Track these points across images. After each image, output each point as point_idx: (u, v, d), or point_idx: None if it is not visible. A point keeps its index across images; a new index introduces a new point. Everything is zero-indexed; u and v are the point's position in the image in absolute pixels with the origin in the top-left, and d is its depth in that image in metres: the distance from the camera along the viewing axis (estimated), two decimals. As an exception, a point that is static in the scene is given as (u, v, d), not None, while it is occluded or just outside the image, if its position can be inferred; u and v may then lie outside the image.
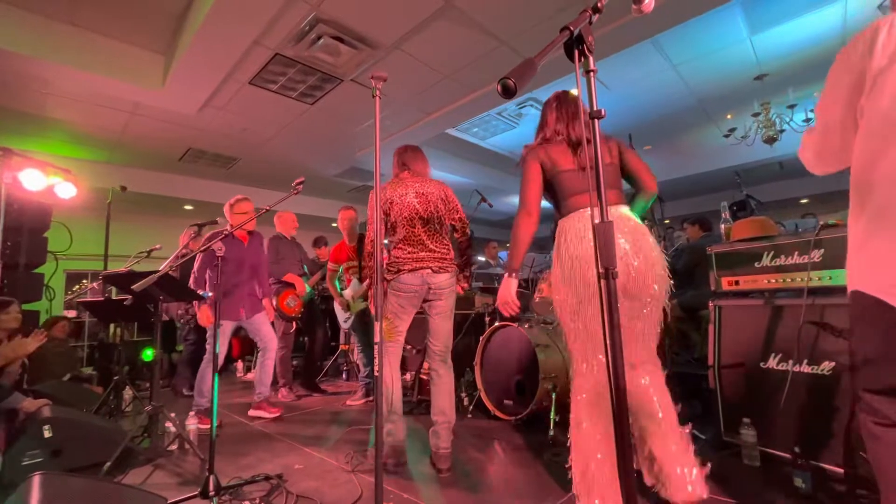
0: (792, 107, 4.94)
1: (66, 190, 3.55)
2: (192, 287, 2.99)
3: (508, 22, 3.27)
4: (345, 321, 3.65)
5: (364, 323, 3.56)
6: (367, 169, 6.65)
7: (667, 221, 7.01)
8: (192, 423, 2.64)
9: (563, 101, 1.85)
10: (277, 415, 3.21)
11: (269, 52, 3.51)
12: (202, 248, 2.33)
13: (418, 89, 4.23)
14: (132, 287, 1.98)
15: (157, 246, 3.56)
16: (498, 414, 2.94)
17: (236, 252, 3.12)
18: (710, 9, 3.15)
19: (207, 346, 3.17)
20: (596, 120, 0.76)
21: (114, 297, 4.29)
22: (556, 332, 3.09)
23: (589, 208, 1.65)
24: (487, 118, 5.43)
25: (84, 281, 6.74)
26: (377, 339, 1.23)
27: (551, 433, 2.47)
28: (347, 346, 4.75)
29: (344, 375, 4.73)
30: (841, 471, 1.70)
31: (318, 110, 4.60)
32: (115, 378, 3.25)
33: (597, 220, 0.77)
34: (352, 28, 3.28)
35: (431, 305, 2.22)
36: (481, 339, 3.16)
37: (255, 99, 4.26)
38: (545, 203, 1.81)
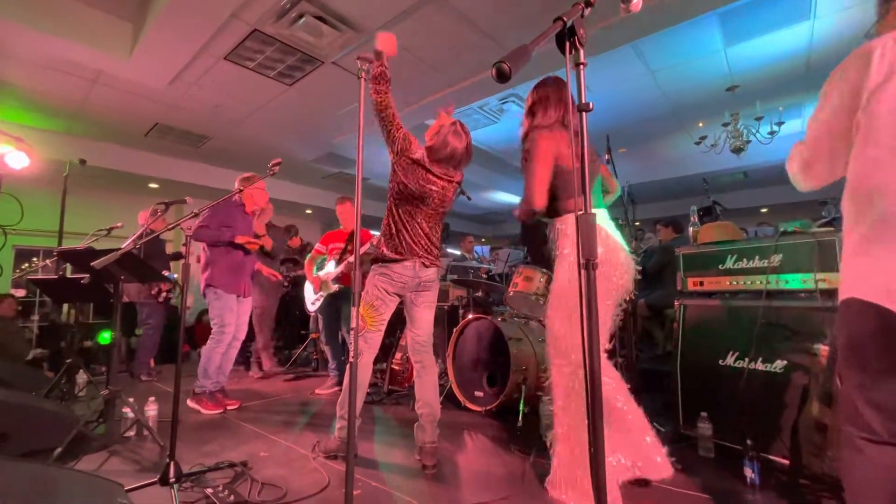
0: (759, 119, 5.17)
1: (17, 160, 3.31)
2: (208, 237, 3.00)
3: (496, 16, 3.26)
4: (311, 303, 3.58)
5: (334, 310, 3.50)
6: (344, 156, 6.52)
7: (637, 223, 7.22)
8: (153, 409, 2.54)
9: (564, 88, 1.82)
10: (229, 409, 3.04)
11: (248, 28, 3.38)
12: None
13: (400, 78, 4.14)
14: (91, 265, 1.88)
15: (119, 224, 3.38)
16: (468, 405, 2.97)
17: (246, 226, 3.08)
18: (690, 18, 3.25)
19: (216, 324, 3.02)
20: (584, 113, 0.77)
21: (69, 275, 4.06)
22: (529, 326, 3.14)
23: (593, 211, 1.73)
24: (468, 112, 5.41)
25: (35, 259, 6.34)
26: (353, 324, 1.21)
27: (520, 424, 2.52)
28: (318, 335, 4.68)
29: (313, 364, 4.66)
30: (787, 462, 1.81)
31: (296, 92, 4.46)
32: (68, 361, 3.08)
33: (580, 213, 0.78)
34: (335, 9, 3.19)
35: (418, 295, 2.15)
36: (454, 331, 3.18)
37: (230, 76, 4.09)
38: (515, 201, 1.82)
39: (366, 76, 1.38)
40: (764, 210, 9.04)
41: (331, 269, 3.38)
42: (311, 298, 3.58)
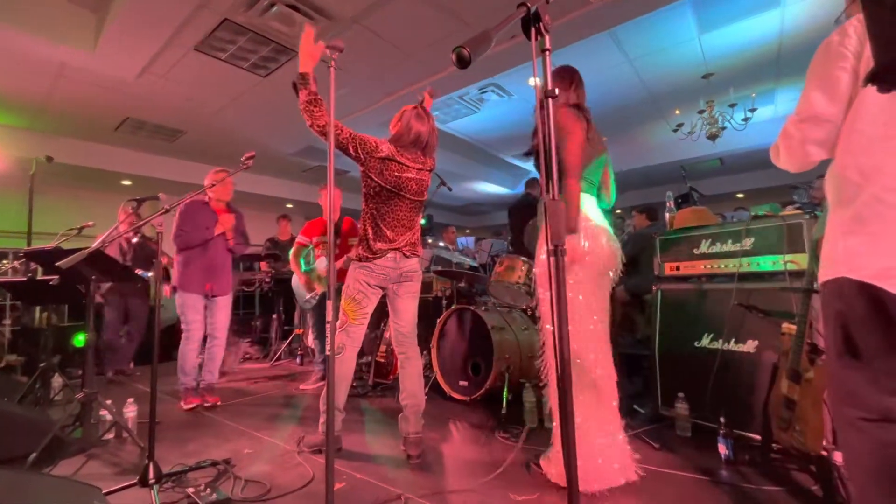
0: (733, 106, 5.27)
1: (-22, 157, 3.17)
2: (197, 240, 2.99)
3: (474, 4, 3.23)
4: (305, 301, 3.53)
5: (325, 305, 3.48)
6: (324, 149, 6.41)
7: (618, 211, 7.33)
8: (132, 411, 2.49)
9: (577, 74, 1.92)
10: (207, 403, 3.02)
11: (218, 17, 3.28)
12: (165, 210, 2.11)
13: (379, 67, 4.11)
14: (57, 265, 1.82)
15: (89, 223, 3.27)
16: (453, 395, 2.99)
17: (210, 222, 3.01)
18: (662, 6, 3.27)
19: (183, 323, 3.01)
20: (550, 99, 0.77)
21: (39, 276, 3.93)
22: (512, 315, 3.17)
23: (588, 198, 1.79)
24: (449, 101, 5.38)
25: (3, 261, 6.10)
26: (329, 317, 1.20)
27: (503, 411, 2.55)
28: (302, 331, 4.64)
29: (298, 360, 4.63)
30: (758, 438, 1.88)
31: (271, 83, 4.36)
32: (42, 365, 3.00)
33: (549, 198, 0.79)
34: (308, -3, 3.12)
35: (401, 286, 2.14)
36: (438, 322, 3.19)
37: (201, 67, 3.97)
38: (497, 191, 1.82)
39: (335, 66, 1.35)
40: (740, 195, 9.25)
41: (323, 264, 3.33)
42: (306, 294, 3.54)
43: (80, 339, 4.48)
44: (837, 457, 1.56)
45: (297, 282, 3.52)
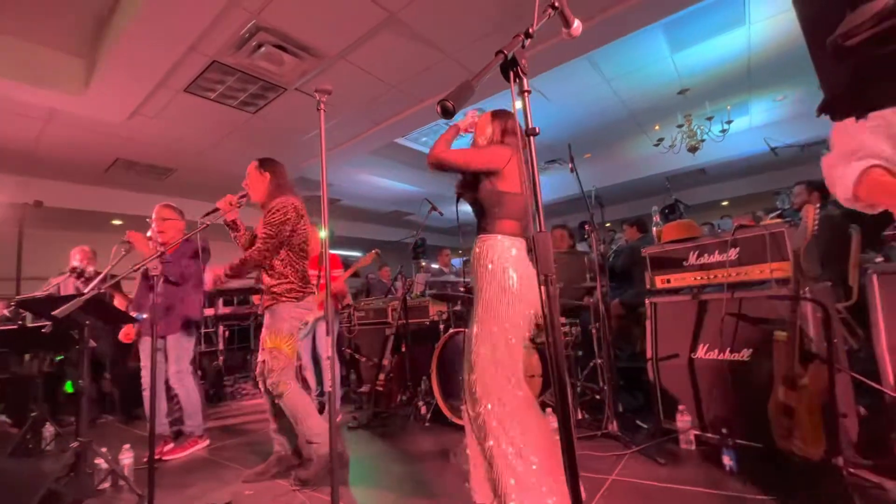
0: (710, 119, 5.46)
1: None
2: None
3: (452, 36, 3.36)
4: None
5: (312, 336, 3.46)
6: (314, 179, 6.49)
7: (608, 224, 7.44)
8: (128, 457, 2.43)
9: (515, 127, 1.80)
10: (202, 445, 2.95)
11: (207, 59, 3.37)
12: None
13: (365, 99, 4.22)
14: (53, 314, 1.81)
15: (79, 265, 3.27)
16: (455, 420, 2.96)
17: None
18: (633, 30, 3.43)
19: (184, 363, 2.94)
20: (532, 137, 0.82)
21: (29, 323, 3.87)
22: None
23: (516, 239, 1.64)
24: (436, 127, 5.50)
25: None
26: (328, 353, 1.21)
27: (507, 435, 2.53)
28: (299, 363, 4.58)
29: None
30: (760, 446, 1.89)
31: (260, 119, 4.45)
32: (33, 415, 2.93)
33: (537, 232, 0.83)
34: (294, 37, 3.22)
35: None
36: (436, 346, 3.18)
37: (191, 107, 4.05)
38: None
39: (324, 108, 1.40)
40: (725, 203, 9.45)
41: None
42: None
43: (69, 385, 4.38)
44: (840, 462, 1.58)
45: None
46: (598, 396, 2.80)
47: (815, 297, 1.84)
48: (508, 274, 1.56)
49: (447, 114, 0.74)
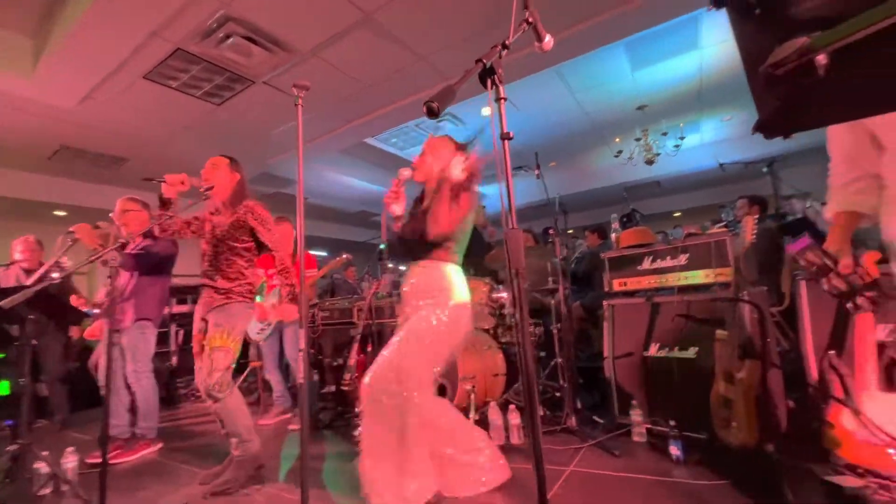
0: (664, 134, 5.81)
1: None
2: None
3: (428, 40, 3.42)
4: (258, 332, 3.44)
5: (278, 337, 3.39)
6: (280, 176, 6.35)
7: (570, 231, 7.72)
8: (71, 461, 2.29)
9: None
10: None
11: (170, 46, 3.24)
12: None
13: (337, 97, 4.19)
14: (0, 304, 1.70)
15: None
16: (420, 419, 2.99)
17: None
18: (597, 47, 3.63)
19: (146, 360, 2.80)
20: (506, 141, 0.88)
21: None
22: (476, 335, 3.25)
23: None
24: (406, 129, 5.54)
25: None
26: (301, 345, 1.22)
27: (471, 431, 2.59)
28: (261, 363, 4.46)
29: (255, 395, 4.42)
30: (704, 437, 2.05)
31: (226, 111, 4.32)
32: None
33: (507, 228, 0.89)
34: (266, 30, 3.17)
35: None
36: (403, 346, 3.20)
37: (151, 95, 3.87)
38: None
39: (302, 104, 1.41)
40: (677, 214, 10.04)
41: (275, 297, 3.28)
42: (257, 327, 3.44)
43: (4, 387, 4.05)
44: (770, 448, 1.75)
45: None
46: (558, 394, 2.92)
47: (752, 300, 2.02)
48: None
49: (432, 114, 0.79)
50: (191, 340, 2.38)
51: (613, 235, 3.05)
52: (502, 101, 0.90)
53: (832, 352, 1.90)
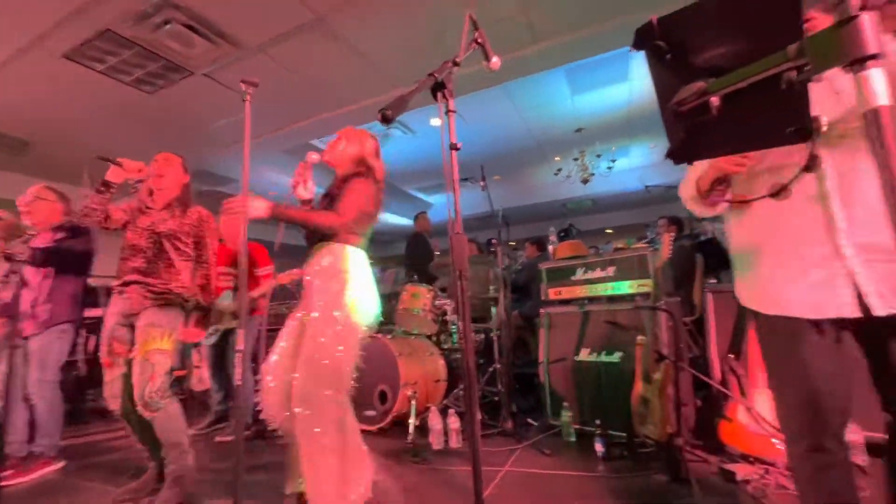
0: (599, 156, 6.28)
1: None
2: None
3: (380, 47, 3.45)
4: (205, 336, 3.22)
5: (223, 343, 3.18)
6: (217, 173, 6.00)
7: (513, 243, 8.02)
8: None
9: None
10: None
11: (98, 26, 3.00)
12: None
13: (283, 97, 4.08)
14: None
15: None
16: (361, 426, 2.95)
17: None
18: (538, 71, 3.88)
19: (56, 367, 2.47)
20: (454, 151, 0.94)
21: None
22: (419, 340, 3.29)
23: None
24: (355, 134, 5.49)
25: None
26: (240, 346, 1.19)
27: (410, 437, 2.60)
28: (185, 372, 4.16)
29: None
30: (625, 434, 2.23)
31: (158, 101, 4.04)
32: None
33: (453, 233, 0.95)
34: (210, 21, 3.04)
35: None
36: (344, 352, 3.15)
37: (70, 76, 3.53)
38: (401, 222, 1.94)
39: (250, 100, 1.39)
40: (609, 231, 10.79)
41: (227, 299, 3.06)
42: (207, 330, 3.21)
43: None
44: (679, 442, 1.95)
45: None
46: (496, 399, 3.03)
47: (667, 309, 2.26)
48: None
49: (386, 121, 0.83)
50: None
51: (551, 247, 3.24)
52: (451, 113, 0.96)
53: (731, 355, 2.17)
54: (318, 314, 1.57)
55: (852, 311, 0.90)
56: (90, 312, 4.70)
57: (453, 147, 0.94)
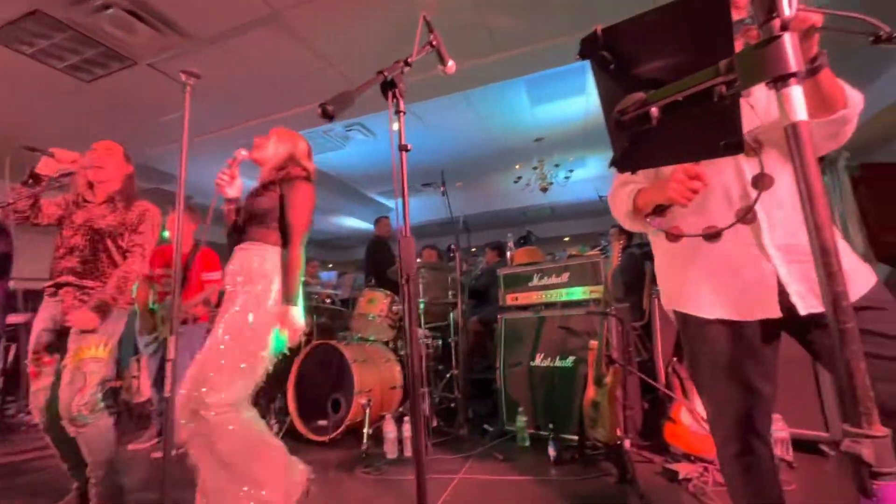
0: (557, 166, 6.46)
1: None
2: None
3: (339, 48, 3.38)
4: (145, 345, 3.00)
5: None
6: (161, 170, 5.65)
7: (473, 249, 8.08)
8: None
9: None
10: None
11: (25, 6, 2.74)
12: None
13: (236, 92, 3.90)
14: None
15: None
16: (310, 437, 2.84)
17: None
18: (499, 81, 3.94)
19: None
20: (403, 152, 0.92)
21: None
22: (375, 347, 3.21)
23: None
24: (314, 135, 5.34)
25: None
26: (171, 355, 1.10)
27: (365, 446, 2.53)
28: (121, 383, 3.85)
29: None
30: (576, 437, 2.27)
31: (96, 90, 3.74)
32: None
33: (403, 236, 0.92)
34: (156, 8, 2.85)
35: None
36: (296, 360, 3.03)
37: (-9, 58, 3.20)
38: (361, 226, 1.89)
39: (190, 93, 1.30)
40: (567, 238, 11.12)
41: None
42: (144, 339, 2.99)
43: None
44: (626, 444, 2.01)
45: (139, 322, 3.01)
46: (452, 405, 3.00)
47: (617, 314, 2.33)
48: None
49: (326, 115, 0.80)
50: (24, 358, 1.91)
51: (509, 254, 3.28)
52: (401, 114, 0.94)
53: (675, 359, 2.27)
54: (238, 309, 1.55)
55: (777, 312, 0.92)
56: (11, 319, 4.29)
57: (403, 148, 0.92)
